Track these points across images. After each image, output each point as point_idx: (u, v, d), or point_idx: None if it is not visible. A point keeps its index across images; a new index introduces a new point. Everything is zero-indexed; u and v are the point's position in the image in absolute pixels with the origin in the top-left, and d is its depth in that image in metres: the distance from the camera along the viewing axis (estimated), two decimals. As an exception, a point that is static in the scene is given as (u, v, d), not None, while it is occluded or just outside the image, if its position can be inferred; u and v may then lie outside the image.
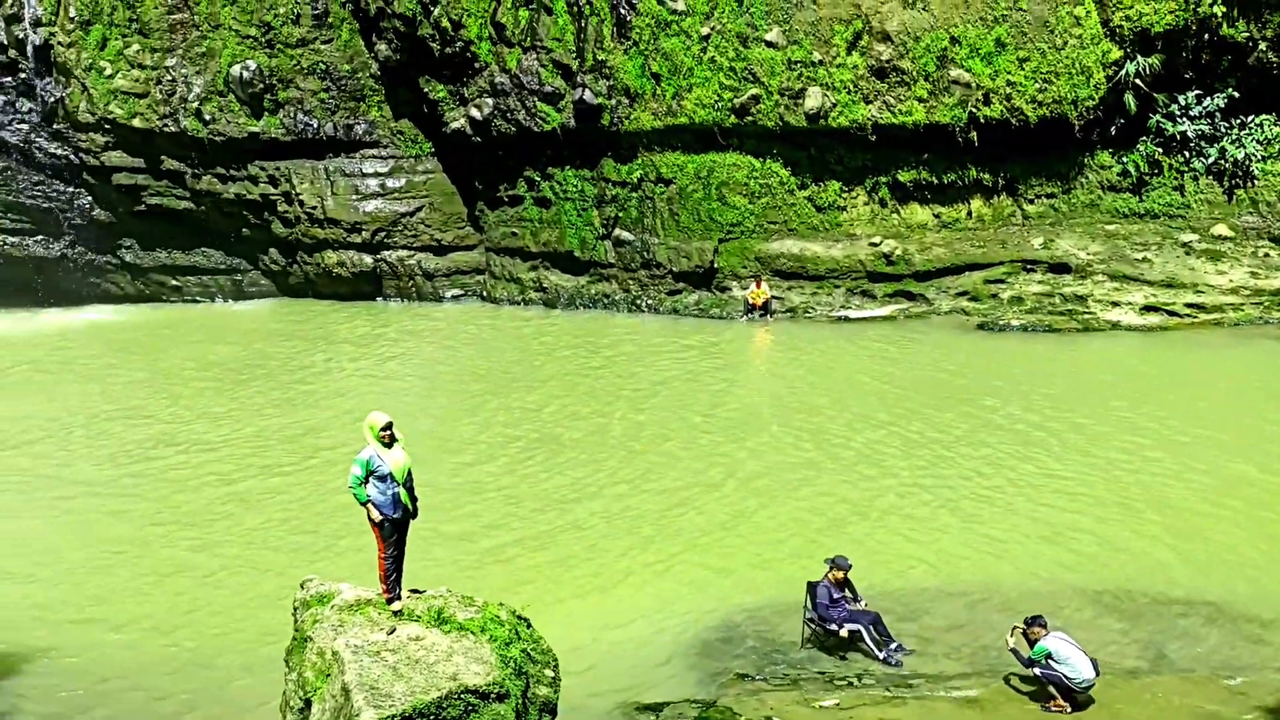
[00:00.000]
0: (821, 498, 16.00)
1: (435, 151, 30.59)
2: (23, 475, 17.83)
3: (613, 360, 23.83)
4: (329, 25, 30.06)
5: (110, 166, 29.66)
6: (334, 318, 29.03)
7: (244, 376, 23.38)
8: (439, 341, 26.43)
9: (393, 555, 10.22)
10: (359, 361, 24.69)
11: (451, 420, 20.04)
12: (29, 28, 28.86)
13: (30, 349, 26.44)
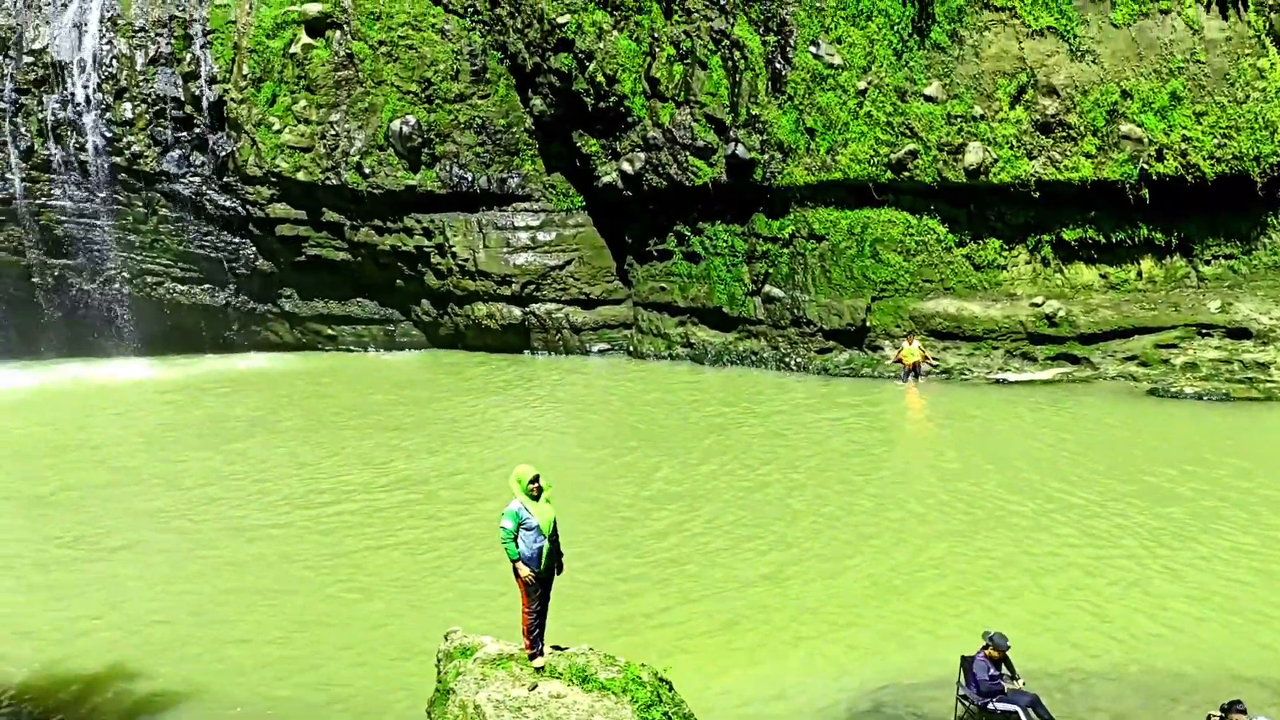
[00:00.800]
0: (992, 565, 15.38)
1: (586, 205, 31.21)
2: (182, 517, 18.63)
3: (764, 419, 23.69)
4: (486, 81, 31.09)
5: (274, 218, 31.11)
6: (482, 369, 29.70)
7: (394, 426, 24.04)
8: (586, 396, 26.75)
9: (537, 610, 10.33)
10: (506, 413, 25.15)
11: (600, 475, 20.15)
12: (205, 85, 30.61)
13: (194, 394, 27.78)
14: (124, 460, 21.96)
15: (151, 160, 30.77)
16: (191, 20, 30.69)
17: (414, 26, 30.90)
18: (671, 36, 28.77)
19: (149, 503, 19.28)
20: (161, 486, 20.19)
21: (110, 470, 21.19)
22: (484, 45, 30.95)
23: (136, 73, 30.51)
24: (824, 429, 22.67)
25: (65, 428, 24.58)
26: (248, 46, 30.61)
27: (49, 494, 19.83)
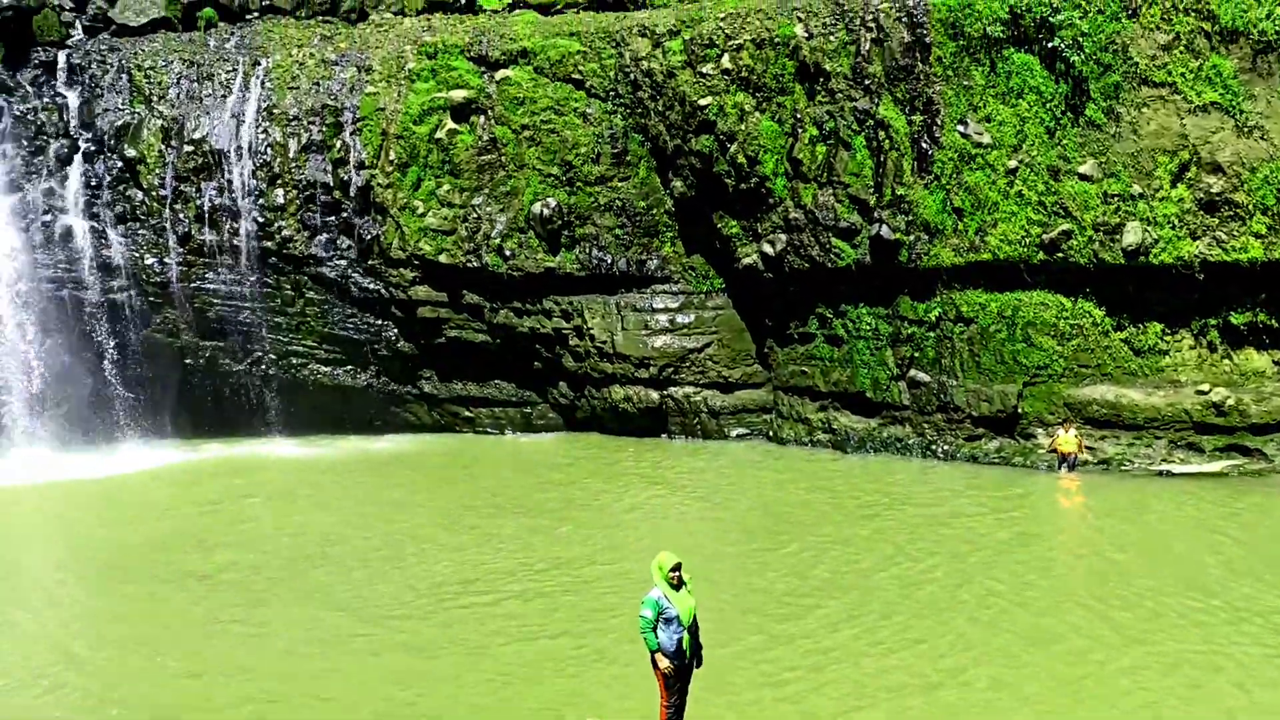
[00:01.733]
0: (1195, 674, 14.66)
1: (726, 287, 31.49)
2: (315, 593, 19.17)
3: (918, 508, 23.30)
4: (627, 163, 31.82)
5: (416, 300, 32.15)
6: (620, 453, 29.97)
7: (538, 510, 24.38)
8: (726, 481, 26.73)
9: (675, 704, 10.36)
10: (644, 499, 25.29)
11: (757, 564, 20.01)
12: (353, 171, 32.04)
13: (339, 474, 28.69)
14: (278, 540, 22.69)
15: (300, 244, 32.23)
16: (343, 109, 32.24)
17: (556, 111, 31.89)
18: (814, 117, 29.09)
19: (307, 582, 19.84)
20: (317, 566, 20.75)
21: (265, 550, 21.90)
22: (625, 128, 31.73)
23: (289, 160, 32.13)
24: (982, 520, 22.19)
25: (219, 507, 25.54)
26: (395, 133, 31.97)
27: (215, 572, 20.53)
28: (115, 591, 19.62)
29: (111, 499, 26.81)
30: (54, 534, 24.44)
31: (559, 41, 32.39)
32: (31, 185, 31.85)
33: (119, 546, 22.44)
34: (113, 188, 32.29)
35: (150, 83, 33.03)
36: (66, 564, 21.79)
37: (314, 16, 37.12)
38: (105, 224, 32.13)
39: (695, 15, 31.48)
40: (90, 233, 31.92)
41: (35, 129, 32.36)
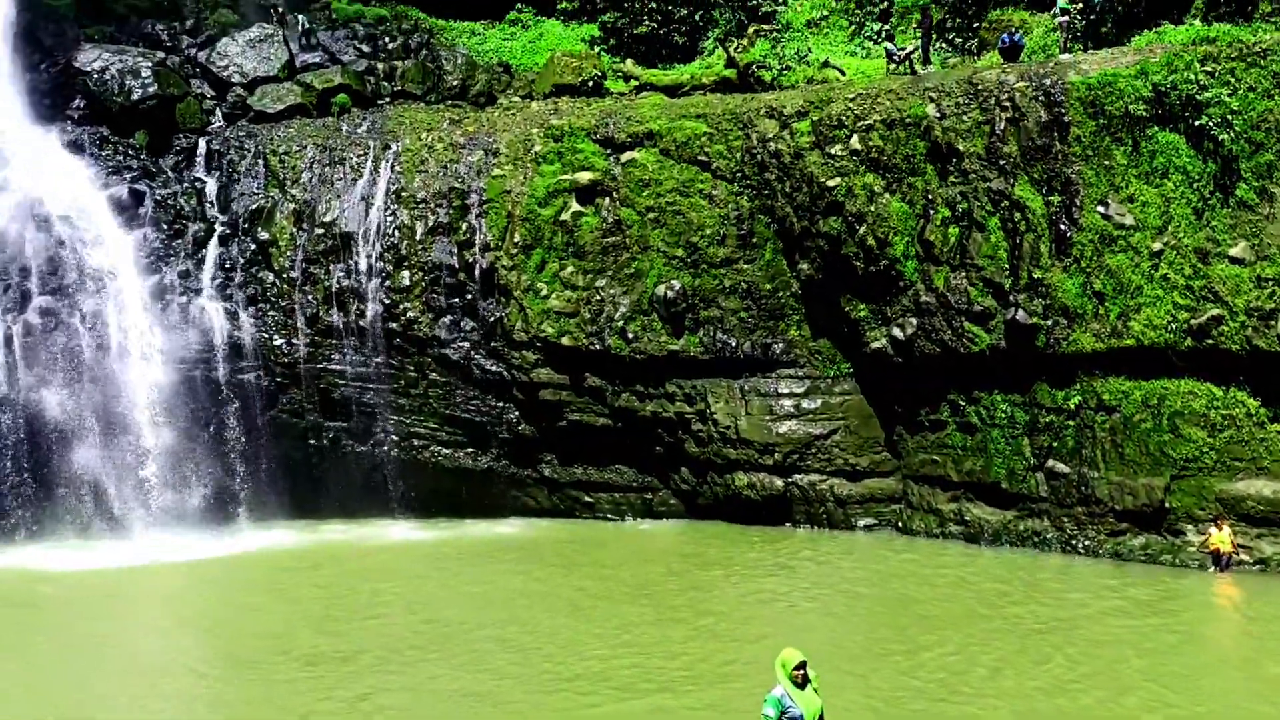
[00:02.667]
0: None
1: (853, 372, 31.34)
2: (449, 683, 19.31)
3: (1058, 609, 22.60)
4: (753, 245, 32.10)
5: (538, 383, 32.67)
6: (743, 542, 29.80)
7: (656, 598, 24.38)
8: (853, 574, 26.36)
9: (800, 806, 10.25)
10: (769, 590, 25.07)
11: (875, 666, 19.65)
12: (478, 253, 32.92)
13: (463, 559, 29.10)
14: (407, 627, 22.94)
15: (425, 326, 33.11)
16: (469, 191, 33.26)
17: (682, 192, 32.40)
18: (947, 198, 29.02)
19: (439, 671, 19.99)
20: (448, 655, 20.88)
21: (394, 637, 22.12)
22: (751, 210, 32.06)
23: (416, 242, 33.17)
24: (1134, 622, 21.49)
25: (344, 591, 25.97)
26: (520, 215, 32.81)
27: (344, 658, 20.81)
28: (247, 678, 20.01)
29: (237, 580, 27.57)
30: (181, 617, 25.12)
31: (685, 123, 32.99)
32: (169, 267, 33.43)
33: (248, 632, 22.98)
34: (245, 270, 33.73)
35: (285, 167, 34.56)
36: (196, 650, 22.32)
37: (444, 101, 38.61)
38: (237, 305, 33.52)
39: (824, 96, 31.81)
40: (223, 314, 33.32)
41: (175, 213, 34.06)
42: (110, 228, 33.13)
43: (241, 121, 36.48)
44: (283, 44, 38.66)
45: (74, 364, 31.93)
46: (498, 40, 43.24)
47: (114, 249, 32.90)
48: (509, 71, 40.85)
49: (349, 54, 40.12)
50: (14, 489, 31.22)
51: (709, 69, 38.47)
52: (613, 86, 38.13)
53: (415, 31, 41.96)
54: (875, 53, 38.60)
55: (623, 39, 41.96)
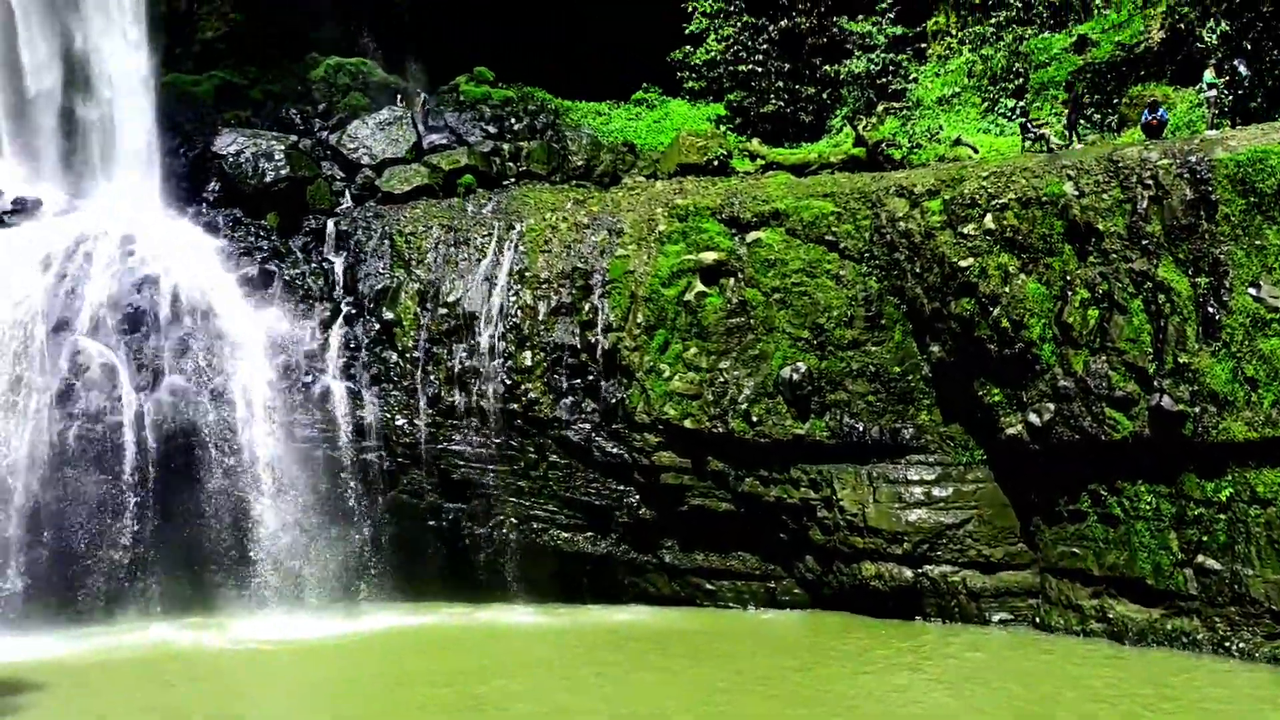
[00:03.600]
0: None
1: (987, 459, 30.89)
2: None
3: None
4: (881, 327, 32.04)
5: (659, 466, 32.90)
6: (872, 634, 29.40)
7: (786, 695, 24.21)
8: (992, 672, 25.79)
9: None
10: (902, 686, 24.72)
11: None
12: (600, 333, 33.50)
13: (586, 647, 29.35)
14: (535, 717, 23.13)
15: (546, 407, 33.69)
16: (593, 271, 33.95)
17: (809, 273, 32.59)
18: (1086, 279, 28.68)
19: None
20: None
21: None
22: (880, 291, 32.08)
23: (538, 322, 33.91)
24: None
25: (466, 678, 26.17)
26: (643, 295, 33.33)
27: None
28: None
29: (357, 663, 28.09)
30: (306, 701, 25.68)
31: (812, 203, 33.27)
32: (296, 347, 34.66)
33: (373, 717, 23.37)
34: (370, 349, 34.83)
35: (410, 247, 35.74)
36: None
37: (568, 181, 39.64)
38: (361, 385, 34.55)
39: (956, 174, 31.82)
40: (347, 394, 34.38)
41: (303, 293, 35.43)
42: (240, 308, 34.58)
43: (369, 202, 37.94)
44: (411, 126, 40.21)
45: (201, 442, 33.21)
46: (623, 120, 44.33)
47: (243, 328, 34.29)
48: (634, 151, 41.79)
49: (475, 135, 41.52)
50: (143, 564, 32.40)
51: (837, 147, 38.85)
52: (738, 165, 38.70)
53: (541, 112, 43.26)
54: (1009, 129, 38.56)
55: (749, 118, 42.67)
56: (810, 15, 42.29)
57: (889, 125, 39.00)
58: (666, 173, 39.00)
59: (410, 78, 44.60)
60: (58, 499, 31.81)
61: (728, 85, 42.98)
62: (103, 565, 31.91)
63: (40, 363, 32.36)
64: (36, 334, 32.51)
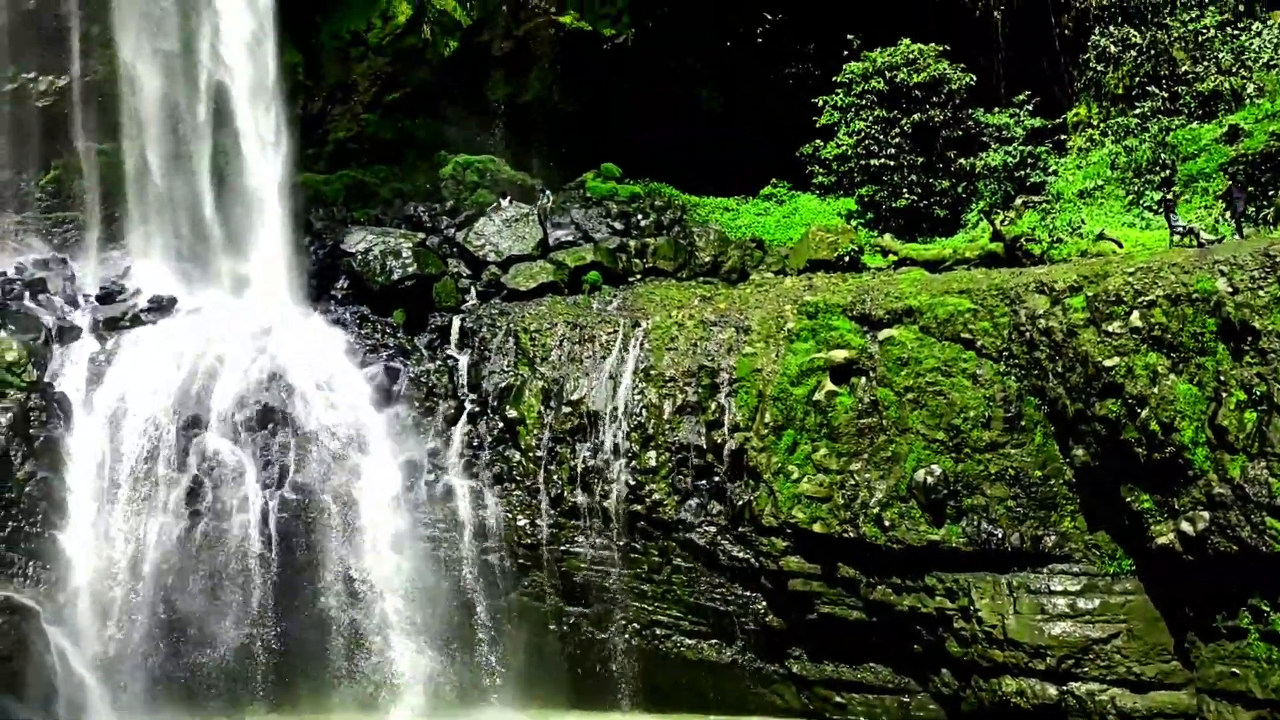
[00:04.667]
0: None
1: (1136, 569, 30.04)
2: None
3: None
4: (1021, 429, 31.60)
5: (787, 572, 32.69)
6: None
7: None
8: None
9: None
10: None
11: None
12: (726, 433, 33.64)
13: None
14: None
15: (670, 509, 33.84)
16: (719, 369, 34.23)
17: (943, 372, 32.39)
18: (1242, 380, 28.02)
19: None
20: None
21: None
22: (1019, 391, 31.71)
23: (663, 421, 34.21)
24: None
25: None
26: (771, 394, 33.45)
27: None
28: None
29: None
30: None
31: (947, 299, 33.17)
32: (419, 445, 35.51)
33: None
34: (493, 448, 35.49)
35: (535, 345, 36.50)
36: None
37: (695, 277, 40.22)
38: (483, 484, 35.16)
39: (1099, 270, 31.48)
40: (469, 492, 35.00)
41: (427, 390, 36.37)
42: (366, 405, 35.63)
43: (495, 299, 38.98)
44: (537, 223, 41.32)
45: (324, 539, 34.06)
46: (751, 216, 44.89)
47: (368, 426, 35.27)
48: (762, 247, 42.25)
49: (602, 231, 42.46)
50: (263, 660, 33.16)
51: (973, 242, 38.76)
52: (870, 261, 38.83)
53: (668, 208, 44.10)
54: (1155, 223, 38.07)
55: (881, 212, 42.88)
56: (944, 108, 42.48)
57: (1028, 219, 38.80)
58: (796, 269, 39.29)
59: (537, 174, 45.95)
60: (182, 594, 32.87)
61: (859, 179, 43.28)
62: (223, 659, 32.80)
63: (170, 459, 33.72)
64: (167, 431, 33.91)
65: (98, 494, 33.26)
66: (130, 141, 40.43)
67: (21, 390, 32.41)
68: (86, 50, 40.84)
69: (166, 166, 40.18)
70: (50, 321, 35.33)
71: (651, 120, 46.94)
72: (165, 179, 40.05)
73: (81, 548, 32.60)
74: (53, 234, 41.07)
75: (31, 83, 41.03)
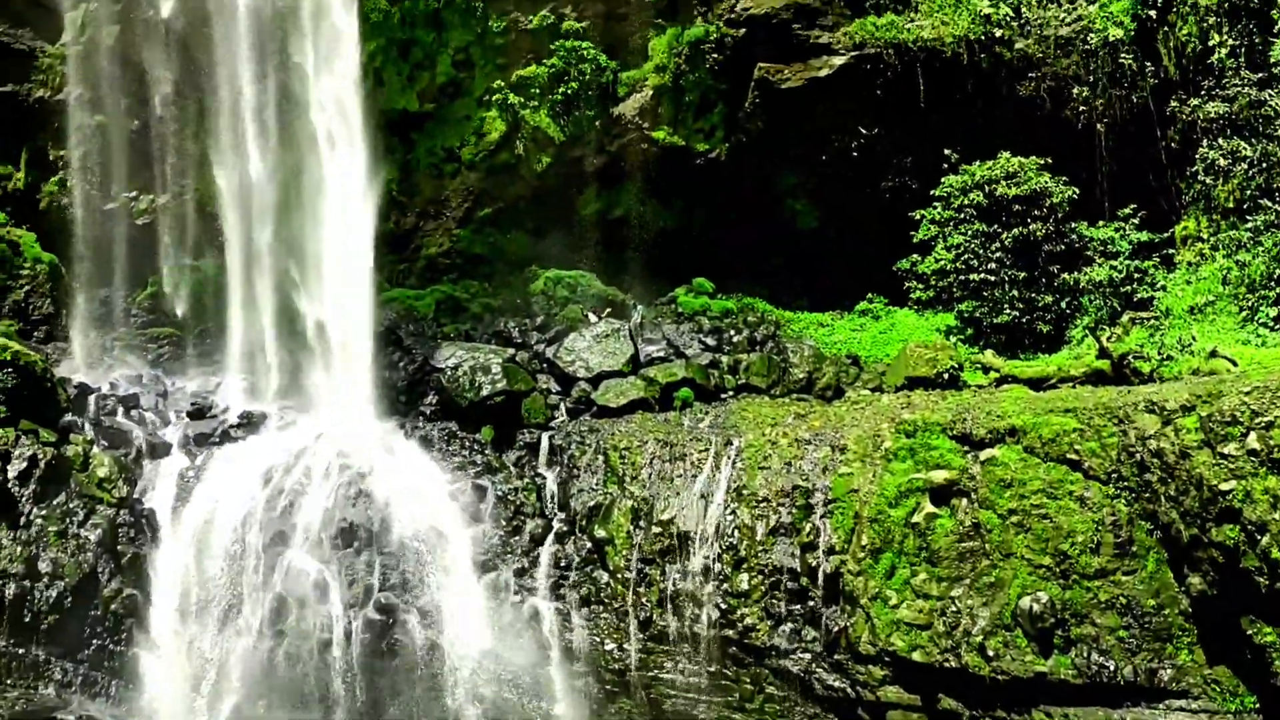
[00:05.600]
0: None
1: (1259, 707, 29.02)
2: None
3: None
4: (1132, 555, 30.88)
5: (885, 703, 32.05)
6: None
7: None
8: None
9: None
10: None
11: None
12: (821, 556, 33.33)
13: None
14: None
15: (763, 634, 33.47)
16: (814, 489, 34.04)
17: (1049, 494, 31.88)
18: (1368, 504, 27.29)
19: None
20: None
21: None
22: (1130, 515, 31.08)
23: (756, 543, 34.02)
24: None
25: None
26: (868, 515, 33.14)
27: None
28: None
29: None
30: None
31: (1052, 419, 32.78)
32: (505, 565, 35.65)
33: None
34: (580, 569, 35.50)
35: (624, 463, 36.64)
36: None
37: (789, 394, 40.26)
38: (570, 606, 35.12)
39: (1213, 389, 30.94)
40: (555, 615, 34.99)
41: (514, 509, 36.61)
42: (452, 524, 35.96)
43: (584, 416, 39.27)
44: (628, 339, 41.74)
45: (408, 662, 34.17)
46: (846, 331, 44.94)
47: (453, 545, 35.57)
48: (858, 363, 42.22)
49: (693, 347, 42.80)
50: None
51: (1078, 360, 38.36)
52: (970, 379, 38.59)
53: (761, 324, 44.36)
54: (1271, 340, 37.41)
55: (981, 328, 42.64)
56: (1046, 221, 42.38)
57: (1135, 336, 38.35)
58: (893, 386, 39.18)
59: (628, 288, 46.58)
60: (265, 715, 33.08)
61: (958, 294, 43.15)
62: (305, 784, 32.98)
63: (254, 577, 34.22)
64: (252, 548, 34.48)
65: (182, 612, 33.81)
66: (224, 258, 41.88)
67: (111, 506, 33.20)
68: (183, 170, 42.60)
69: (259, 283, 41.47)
70: (141, 437, 36.30)
71: (744, 234, 47.46)
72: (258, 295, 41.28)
73: (164, 667, 33.05)
74: (147, 349, 42.52)
75: (132, 201, 42.80)
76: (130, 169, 42.94)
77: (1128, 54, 43.34)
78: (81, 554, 32.12)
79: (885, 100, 45.44)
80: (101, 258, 43.15)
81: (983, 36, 43.96)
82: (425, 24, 44.92)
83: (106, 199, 42.78)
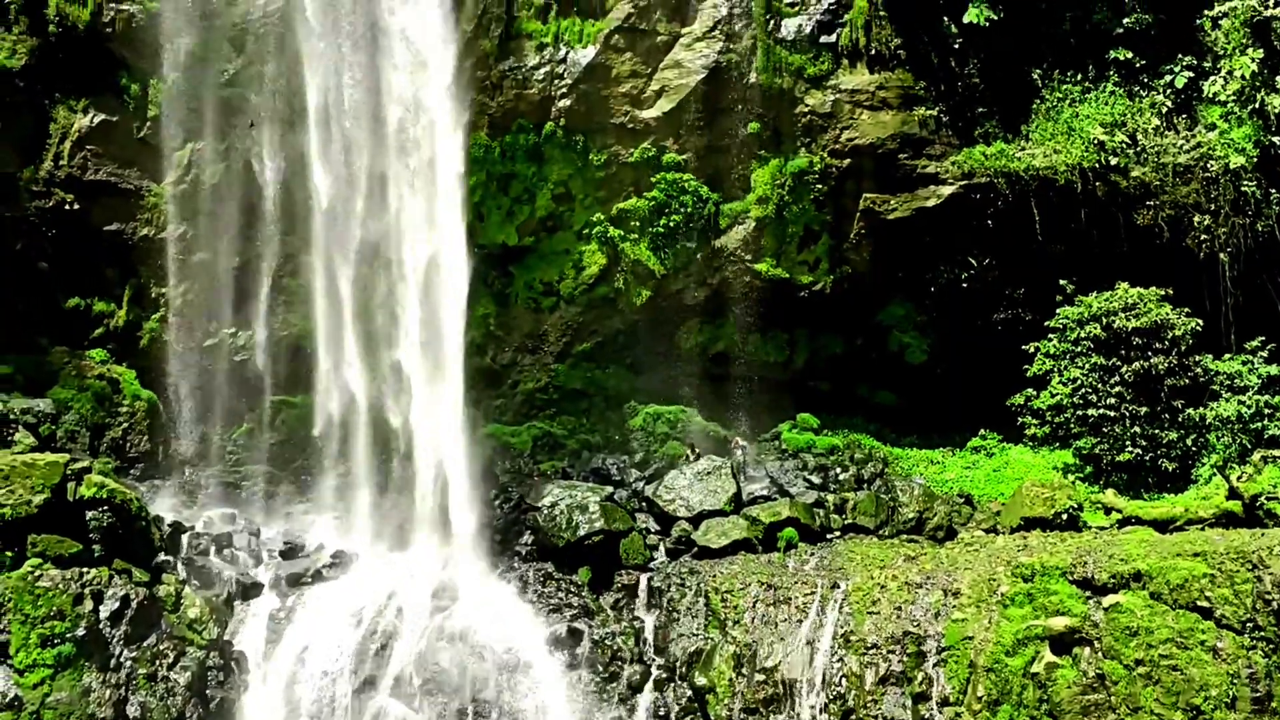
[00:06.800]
0: None
1: None
2: None
3: None
4: (1272, 710, 29.87)
5: None
6: None
7: None
8: None
9: None
10: None
11: None
12: (935, 707, 32.60)
13: None
14: None
15: (874, 791, 32.71)
16: (926, 636, 33.43)
17: (1178, 644, 30.99)
18: None
19: None
20: None
21: None
22: (1267, 667, 30.08)
23: (865, 693, 33.38)
24: None
25: None
26: (984, 665, 32.43)
27: None
28: None
29: None
30: None
31: (1180, 563, 32.00)
32: (601, 713, 35.29)
33: None
34: (680, 719, 35.04)
35: (726, 606, 36.32)
36: None
37: (898, 535, 39.75)
38: (670, 758, 34.71)
39: (1352, 531, 30.14)
40: (658, 768, 34.58)
41: (611, 654, 36.33)
42: (547, 669, 35.76)
43: (684, 556, 39.04)
44: (730, 476, 41.63)
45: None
46: (958, 469, 44.42)
47: (549, 692, 35.32)
48: (970, 503, 41.64)
49: (798, 485, 42.56)
50: None
51: (1206, 500, 37.51)
52: (1090, 520, 37.90)
53: (868, 461, 44.06)
54: None
55: (1101, 466, 41.94)
56: (1168, 354, 41.79)
57: (1269, 475, 37.45)
58: (1008, 527, 38.55)
59: (730, 424, 46.55)
60: None
61: (1076, 430, 42.54)
62: None
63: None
64: (341, 692, 34.57)
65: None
66: (318, 397, 42.70)
67: (201, 648, 33.56)
68: (278, 306, 43.77)
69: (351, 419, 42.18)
70: (233, 577, 36.77)
71: (850, 369, 47.43)
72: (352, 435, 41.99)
73: (252, 814, 33.16)
74: (241, 487, 43.26)
75: (231, 337, 44.00)
76: (228, 306, 44.14)
77: (1250, 181, 43.01)
78: (170, 698, 32.43)
79: (996, 230, 45.47)
80: (200, 394, 44.20)
81: (1097, 164, 43.96)
82: (525, 158, 45.88)
83: (206, 335, 43.96)
